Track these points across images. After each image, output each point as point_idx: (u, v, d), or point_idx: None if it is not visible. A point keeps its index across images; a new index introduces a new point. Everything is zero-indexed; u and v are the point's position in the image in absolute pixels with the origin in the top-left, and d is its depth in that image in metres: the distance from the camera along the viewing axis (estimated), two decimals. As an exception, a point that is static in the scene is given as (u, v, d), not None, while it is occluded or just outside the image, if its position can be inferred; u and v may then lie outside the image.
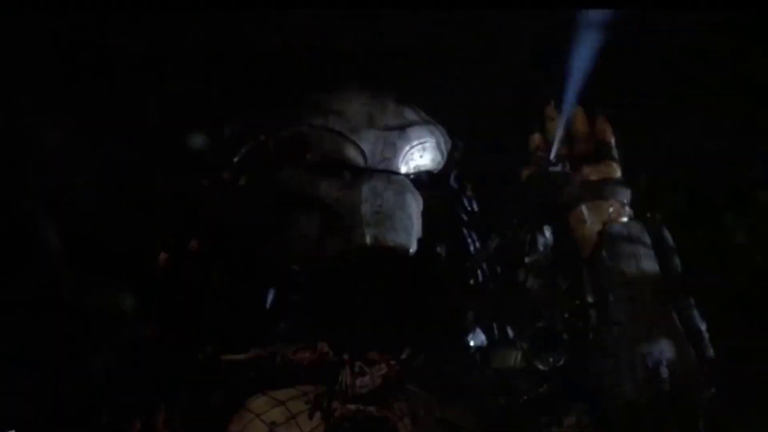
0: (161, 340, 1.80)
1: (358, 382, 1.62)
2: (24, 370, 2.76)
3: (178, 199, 1.98)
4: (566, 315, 1.62)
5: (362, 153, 1.78)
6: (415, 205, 1.74)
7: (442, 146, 1.84)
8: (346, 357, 1.67)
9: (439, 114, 2.07)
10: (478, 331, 1.64)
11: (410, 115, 1.88)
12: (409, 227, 1.74)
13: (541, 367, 1.59)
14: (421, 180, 1.80)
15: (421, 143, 1.83)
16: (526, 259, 1.66)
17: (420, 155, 1.83)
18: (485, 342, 1.65)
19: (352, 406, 1.64)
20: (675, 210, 2.74)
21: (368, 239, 1.74)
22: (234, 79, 2.71)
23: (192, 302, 1.77)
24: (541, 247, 1.67)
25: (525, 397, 1.63)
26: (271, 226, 1.78)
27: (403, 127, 1.86)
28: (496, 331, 1.63)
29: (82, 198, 2.82)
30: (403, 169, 1.79)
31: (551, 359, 1.59)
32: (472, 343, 1.62)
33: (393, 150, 1.80)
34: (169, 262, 1.80)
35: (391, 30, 2.75)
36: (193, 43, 2.78)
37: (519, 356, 1.60)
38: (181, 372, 1.76)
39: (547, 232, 1.69)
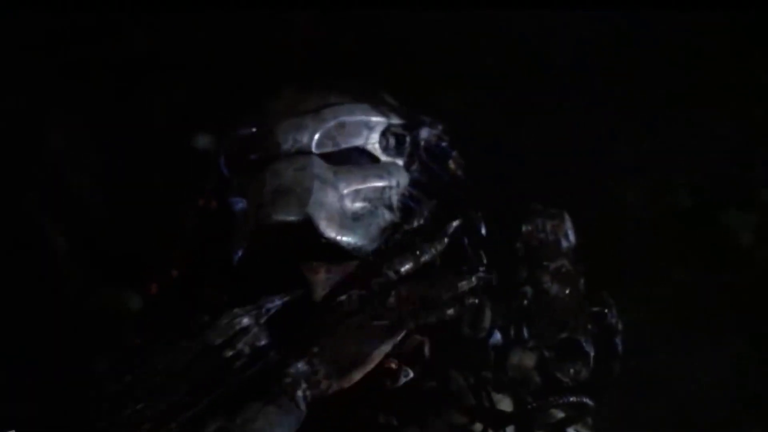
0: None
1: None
2: (25, 371, 2.75)
3: (163, 229, 2.00)
4: (590, 326, 1.61)
5: (276, 142, 1.81)
6: (323, 180, 1.76)
7: (373, 123, 1.85)
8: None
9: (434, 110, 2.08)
10: (495, 331, 1.63)
11: (334, 97, 1.90)
12: (306, 201, 1.76)
13: (562, 378, 1.59)
14: (350, 156, 1.81)
15: (339, 122, 1.84)
16: (551, 265, 1.65)
17: (338, 132, 1.84)
18: (500, 341, 1.64)
19: (359, 411, 1.63)
20: (678, 208, 2.75)
21: (261, 218, 1.76)
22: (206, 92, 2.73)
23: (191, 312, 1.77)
24: (564, 251, 1.66)
25: (534, 404, 1.62)
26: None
27: (318, 109, 1.87)
28: (512, 334, 1.62)
29: (86, 199, 2.82)
30: (318, 150, 1.81)
31: (572, 371, 1.59)
32: (490, 342, 1.61)
33: (304, 132, 1.83)
34: (158, 290, 1.81)
35: (382, 29, 2.76)
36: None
37: (535, 360, 1.59)
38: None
39: (571, 234, 1.68)
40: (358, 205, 1.80)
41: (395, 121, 1.87)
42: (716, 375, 2.65)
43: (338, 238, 1.75)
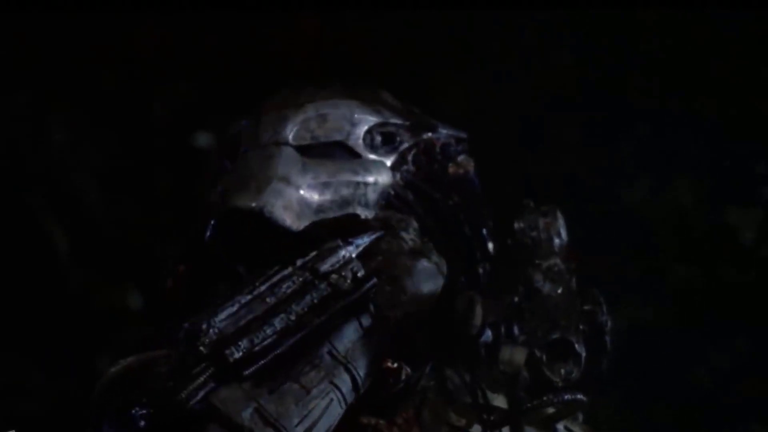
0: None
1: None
2: (26, 370, 2.76)
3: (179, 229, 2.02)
4: (581, 326, 1.61)
5: (257, 133, 1.82)
6: (288, 170, 1.76)
7: (357, 119, 1.85)
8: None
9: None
10: (486, 329, 1.63)
11: (324, 93, 1.90)
12: (263, 188, 1.77)
13: (553, 378, 1.58)
14: (329, 151, 1.82)
15: (320, 114, 1.84)
16: (544, 263, 1.65)
17: (318, 125, 1.85)
18: (491, 338, 1.64)
19: (364, 419, 1.63)
20: (679, 206, 2.74)
21: (223, 204, 1.77)
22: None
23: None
24: (556, 249, 1.66)
25: (528, 405, 1.62)
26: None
27: (302, 104, 1.88)
28: (503, 331, 1.63)
29: (87, 198, 2.82)
30: (296, 142, 1.82)
31: (563, 371, 1.58)
32: (481, 339, 1.61)
33: (284, 124, 1.83)
34: (174, 283, 1.82)
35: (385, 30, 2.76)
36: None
37: (526, 356, 1.59)
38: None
39: (563, 232, 1.68)
40: (326, 197, 1.79)
41: (389, 120, 1.86)
42: (716, 374, 2.65)
43: (294, 227, 1.75)
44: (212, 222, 1.76)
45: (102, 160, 2.84)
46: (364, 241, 1.70)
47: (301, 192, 1.79)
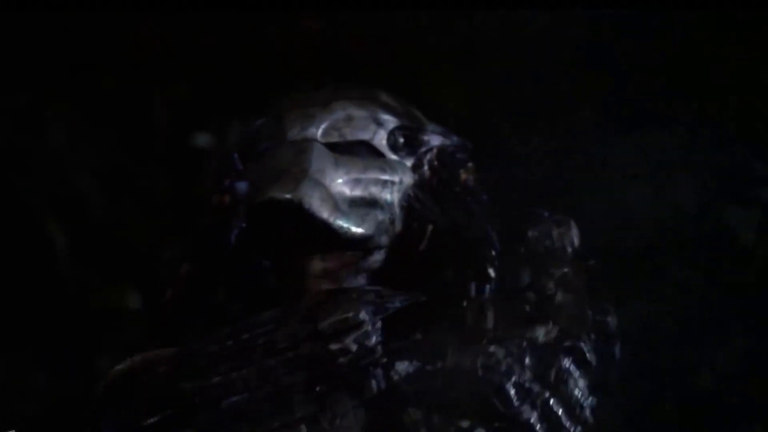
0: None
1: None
2: (25, 370, 2.76)
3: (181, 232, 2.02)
4: (593, 336, 1.62)
5: (283, 131, 1.83)
6: (322, 164, 1.78)
7: (382, 120, 1.87)
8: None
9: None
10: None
11: (345, 92, 1.93)
12: (301, 180, 1.79)
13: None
14: (355, 149, 1.84)
15: (347, 114, 1.87)
16: (556, 272, 1.66)
17: (345, 124, 1.87)
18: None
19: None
20: (679, 207, 2.74)
21: (256, 196, 1.78)
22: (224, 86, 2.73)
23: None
24: (569, 258, 1.67)
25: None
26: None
27: (328, 102, 1.91)
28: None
29: (88, 198, 2.82)
30: (323, 139, 1.83)
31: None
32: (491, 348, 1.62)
33: (311, 122, 1.86)
34: (174, 288, 1.83)
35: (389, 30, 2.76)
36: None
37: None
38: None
39: (576, 241, 1.69)
40: (357, 193, 1.82)
41: (408, 123, 1.89)
42: (717, 374, 2.65)
43: (330, 219, 1.77)
44: (242, 216, 1.77)
45: (102, 160, 2.83)
46: (394, 305, 1.68)
47: (336, 186, 1.80)
